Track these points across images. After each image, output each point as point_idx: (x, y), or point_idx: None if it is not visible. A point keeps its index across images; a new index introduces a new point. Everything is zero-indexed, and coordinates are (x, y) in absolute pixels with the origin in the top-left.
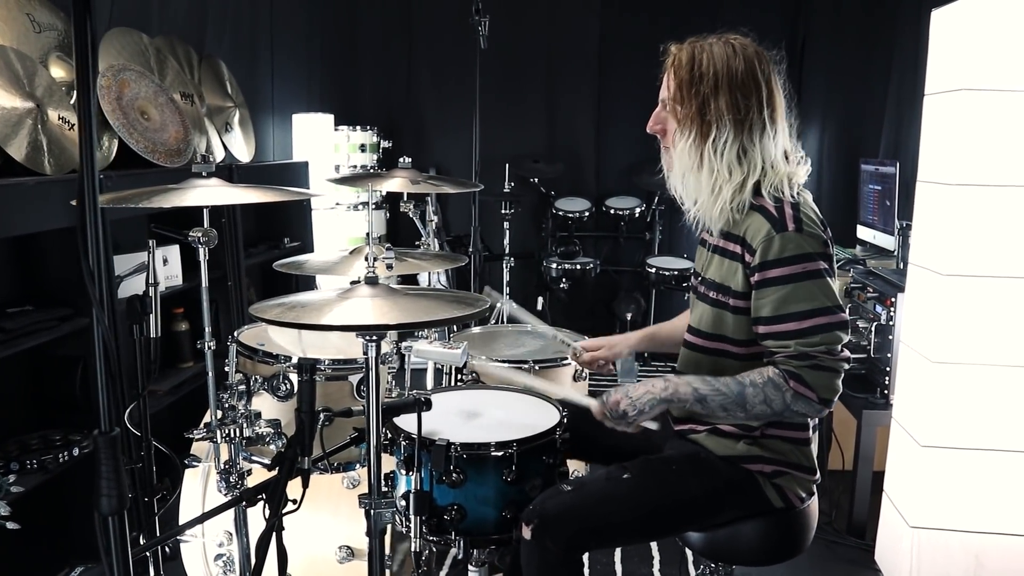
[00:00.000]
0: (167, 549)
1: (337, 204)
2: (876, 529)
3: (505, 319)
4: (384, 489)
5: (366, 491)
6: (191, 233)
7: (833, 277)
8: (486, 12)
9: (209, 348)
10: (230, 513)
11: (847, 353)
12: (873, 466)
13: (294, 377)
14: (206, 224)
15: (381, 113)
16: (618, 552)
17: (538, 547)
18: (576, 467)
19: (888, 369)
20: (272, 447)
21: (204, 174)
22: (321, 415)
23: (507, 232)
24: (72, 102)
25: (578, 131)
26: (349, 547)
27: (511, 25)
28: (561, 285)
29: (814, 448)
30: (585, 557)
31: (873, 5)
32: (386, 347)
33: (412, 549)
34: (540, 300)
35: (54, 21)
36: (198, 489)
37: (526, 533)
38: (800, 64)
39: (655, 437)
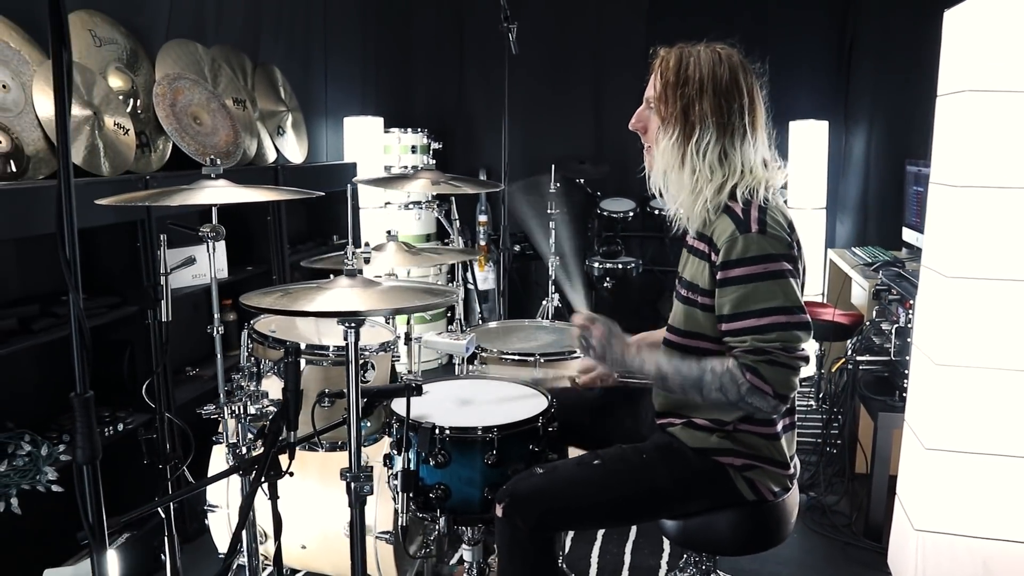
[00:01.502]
0: (206, 522)
1: (387, 203)
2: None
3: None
4: (370, 465)
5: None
6: (201, 229)
7: (797, 278)
8: (531, 16)
9: (218, 333)
10: None
11: (806, 352)
12: (889, 469)
13: (301, 361)
14: (214, 220)
15: (433, 116)
16: (629, 543)
17: (509, 525)
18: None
19: (906, 372)
20: None
21: (213, 176)
22: (325, 396)
23: (553, 232)
24: (128, 109)
25: (624, 133)
26: None
27: (559, 28)
28: (605, 284)
29: (785, 443)
30: (596, 546)
31: (921, 5)
32: (391, 336)
33: (400, 524)
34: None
35: (114, 35)
36: (222, 462)
37: (498, 511)
38: (848, 65)
39: (642, 429)
